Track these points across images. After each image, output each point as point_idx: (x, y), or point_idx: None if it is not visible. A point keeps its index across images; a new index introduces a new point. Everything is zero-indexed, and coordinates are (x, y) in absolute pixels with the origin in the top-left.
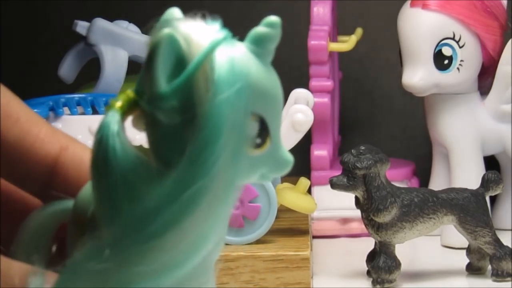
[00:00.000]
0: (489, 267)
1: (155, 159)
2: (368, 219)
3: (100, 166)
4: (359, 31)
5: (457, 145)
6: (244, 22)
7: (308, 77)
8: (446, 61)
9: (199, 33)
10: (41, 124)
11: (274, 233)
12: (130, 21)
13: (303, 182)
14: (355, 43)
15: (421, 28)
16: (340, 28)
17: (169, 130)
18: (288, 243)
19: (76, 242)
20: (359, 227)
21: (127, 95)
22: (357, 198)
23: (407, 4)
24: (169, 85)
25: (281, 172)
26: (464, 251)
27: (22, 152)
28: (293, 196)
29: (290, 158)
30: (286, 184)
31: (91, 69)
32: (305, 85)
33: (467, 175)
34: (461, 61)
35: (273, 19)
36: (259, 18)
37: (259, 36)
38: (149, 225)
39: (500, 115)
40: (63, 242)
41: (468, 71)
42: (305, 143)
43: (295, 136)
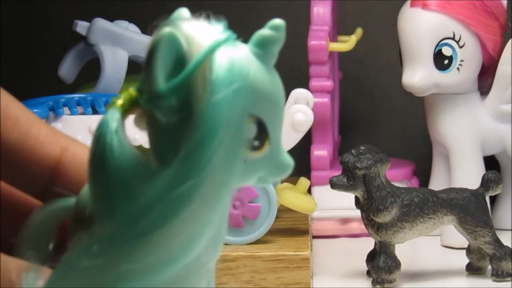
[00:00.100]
0: (489, 267)
1: (154, 158)
2: (368, 219)
3: (96, 163)
4: (359, 31)
5: (457, 145)
6: (244, 22)
7: (308, 77)
8: (446, 61)
9: (201, 33)
10: (41, 125)
11: (274, 233)
12: (130, 21)
13: (303, 182)
14: (355, 43)
15: (421, 28)
16: (340, 28)
17: (167, 129)
18: (288, 243)
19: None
20: (359, 227)
21: (129, 94)
22: (357, 198)
23: (407, 4)
24: (167, 83)
25: (280, 176)
26: (464, 251)
27: (22, 154)
28: (293, 196)
29: (290, 162)
30: (286, 184)
31: (91, 69)
32: (305, 85)
33: (467, 175)
34: (461, 61)
35: (278, 22)
36: (259, 18)
37: (263, 38)
38: (140, 222)
39: (500, 115)
40: (65, 239)
41: (468, 71)
42: (305, 143)
43: (295, 136)
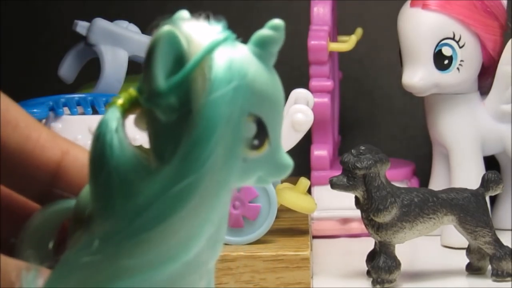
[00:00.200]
0: (489, 267)
1: (153, 157)
2: (368, 219)
3: (96, 161)
4: (359, 31)
5: (457, 145)
6: (244, 22)
7: (308, 77)
8: (446, 61)
9: (200, 33)
10: (41, 129)
11: (274, 233)
12: (130, 21)
13: (303, 182)
14: (355, 43)
15: (421, 28)
16: (340, 28)
17: (167, 127)
18: (288, 243)
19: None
20: (359, 227)
21: (129, 93)
22: (357, 198)
23: (407, 4)
24: (167, 81)
25: (279, 176)
26: (464, 251)
27: (22, 158)
28: (293, 196)
29: (289, 162)
30: (286, 184)
31: (91, 69)
32: (305, 85)
33: (467, 175)
34: (461, 61)
35: (277, 22)
36: (259, 18)
37: (262, 38)
38: (139, 219)
39: (500, 115)
40: (65, 240)
41: (468, 71)
42: (305, 143)
43: (295, 136)
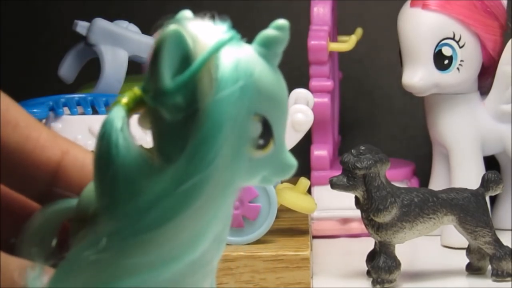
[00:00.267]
0: (489, 267)
1: (158, 156)
2: (368, 219)
3: (101, 160)
4: (359, 31)
5: (457, 145)
6: (244, 22)
7: (308, 77)
8: (446, 61)
9: (206, 32)
10: (41, 129)
11: (274, 233)
12: (130, 21)
13: (303, 182)
14: (355, 43)
15: (421, 28)
16: (340, 28)
17: (172, 126)
18: (288, 243)
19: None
20: (359, 227)
21: (133, 92)
22: (357, 198)
23: (407, 4)
24: (173, 81)
25: (283, 176)
26: (464, 251)
27: (22, 157)
28: (293, 196)
29: (293, 162)
30: (286, 184)
31: (91, 69)
32: (305, 85)
33: (467, 175)
34: (461, 61)
35: (282, 22)
36: (259, 18)
37: (267, 38)
38: (145, 217)
39: (500, 115)
40: (67, 239)
41: (468, 71)
42: (305, 143)
43: (295, 136)
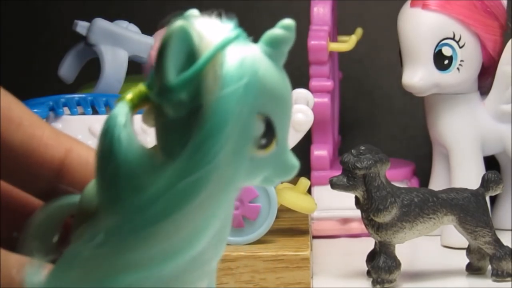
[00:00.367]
0: (489, 267)
1: (161, 152)
2: (368, 219)
3: (104, 155)
4: (359, 31)
5: (457, 145)
6: (244, 22)
7: (308, 77)
8: (446, 61)
9: (212, 30)
10: (44, 127)
11: (274, 233)
12: (130, 21)
13: (303, 182)
14: (355, 43)
15: (421, 28)
16: (340, 28)
17: (176, 123)
18: (288, 243)
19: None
20: (359, 227)
21: (138, 89)
22: (357, 198)
23: (407, 4)
24: (178, 77)
25: (285, 176)
26: (464, 251)
27: (26, 156)
28: (293, 196)
29: (296, 163)
30: (286, 184)
31: (91, 69)
32: (305, 85)
33: (467, 175)
34: (461, 61)
35: (289, 21)
36: (259, 18)
37: (274, 38)
38: (145, 212)
39: (500, 115)
40: (68, 236)
41: (468, 71)
42: (305, 143)
43: (295, 136)
